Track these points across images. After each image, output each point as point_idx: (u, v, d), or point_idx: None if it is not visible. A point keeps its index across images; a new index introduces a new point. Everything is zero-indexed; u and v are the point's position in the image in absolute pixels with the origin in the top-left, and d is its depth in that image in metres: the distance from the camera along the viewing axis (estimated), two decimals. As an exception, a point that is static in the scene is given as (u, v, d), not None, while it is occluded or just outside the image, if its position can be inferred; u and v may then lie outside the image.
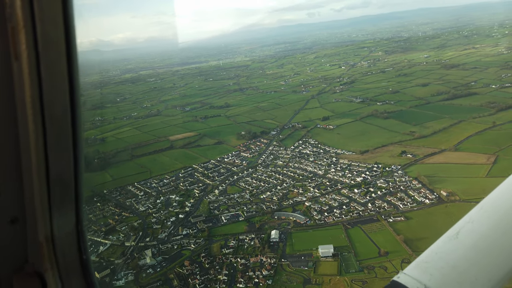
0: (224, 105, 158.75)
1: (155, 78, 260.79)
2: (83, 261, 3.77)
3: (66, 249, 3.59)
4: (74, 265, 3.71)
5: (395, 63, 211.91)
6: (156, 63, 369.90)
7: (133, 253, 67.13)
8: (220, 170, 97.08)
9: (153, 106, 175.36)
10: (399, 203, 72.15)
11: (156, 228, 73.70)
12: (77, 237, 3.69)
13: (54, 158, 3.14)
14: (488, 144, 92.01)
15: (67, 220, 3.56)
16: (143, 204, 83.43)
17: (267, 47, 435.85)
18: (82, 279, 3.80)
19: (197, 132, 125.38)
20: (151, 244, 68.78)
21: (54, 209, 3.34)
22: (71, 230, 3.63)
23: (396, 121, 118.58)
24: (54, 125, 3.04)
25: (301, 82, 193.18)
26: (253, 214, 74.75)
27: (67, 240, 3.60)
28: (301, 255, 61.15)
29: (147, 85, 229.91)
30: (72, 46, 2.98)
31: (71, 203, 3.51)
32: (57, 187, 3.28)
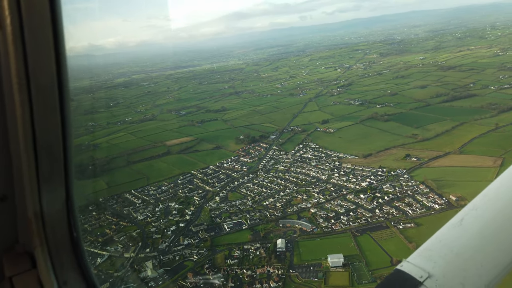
0: (221, 109, 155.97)
1: (149, 82, 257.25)
2: (73, 239, 3.66)
3: (56, 226, 3.48)
4: (64, 242, 3.60)
5: (391, 65, 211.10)
6: (148, 67, 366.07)
7: (133, 265, 63.96)
8: (220, 176, 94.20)
9: (148, 110, 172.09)
10: (407, 209, 69.90)
11: (156, 238, 70.54)
12: (67, 214, 3.55)
13: (41, 129, 3.04)
14: (493, 147, 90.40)
15: (57, 196, 3.44)
16: (142, 212, 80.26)
17: (260, 50, 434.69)
18: (73, 256, 3.70)
19: (194, 137, 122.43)
20: (152, 255, 65.60)
21: (43, 184, 3.22)
22: (61, 206, 3.50)
23: (397, 124, 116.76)
24: (40, 94, 2.95)
25: (297, 85, 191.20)
26: (256, 222, 71.96)
27: (57, 216, 3.48)
28: (309, 265, 58.47)
29: (140, 89, 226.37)
30: (57, 12, 2.87)
31: (60, 177, 3.38)
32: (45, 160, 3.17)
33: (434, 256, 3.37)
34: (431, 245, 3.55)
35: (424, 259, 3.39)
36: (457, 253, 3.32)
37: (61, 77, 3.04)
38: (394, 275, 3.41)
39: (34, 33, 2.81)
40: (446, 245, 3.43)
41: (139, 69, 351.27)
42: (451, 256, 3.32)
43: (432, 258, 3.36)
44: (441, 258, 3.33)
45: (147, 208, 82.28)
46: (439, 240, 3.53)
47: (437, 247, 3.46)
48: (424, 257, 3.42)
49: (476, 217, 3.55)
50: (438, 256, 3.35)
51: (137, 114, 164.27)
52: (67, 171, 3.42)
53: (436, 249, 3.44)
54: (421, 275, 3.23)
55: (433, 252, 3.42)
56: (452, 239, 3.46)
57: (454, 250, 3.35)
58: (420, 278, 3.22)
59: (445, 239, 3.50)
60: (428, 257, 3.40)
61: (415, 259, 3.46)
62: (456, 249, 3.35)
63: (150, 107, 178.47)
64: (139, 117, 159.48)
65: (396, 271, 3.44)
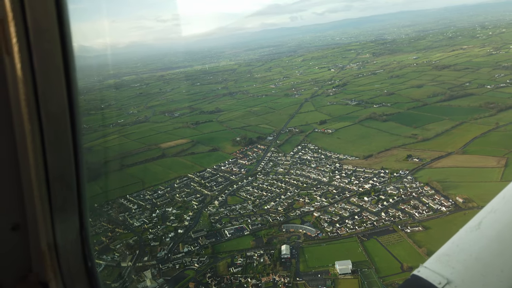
0: (215, 110, 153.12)
1: (140, 83, 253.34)
2: (88, 270, 3.56)
3: (70, 257, 3.40)
4: (79, 274, 3.51)
5: (385, 65, 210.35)
6: (139, 68, 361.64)
7: (130, 275, 60.96)
8: (218, 179, 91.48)
9: (140, 112, 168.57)
10: (414, 212, 68.02)
11: (154, 246, 67.59)
12: (82, 244, 3.48)
13: (53, 158, 3.00)
14: (495, 146, 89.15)
15: (70, 226, 3.37)
16: (138, 218, 77.26)
17: (252, 51, 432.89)
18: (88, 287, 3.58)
19: (189, 139, 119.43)
20: (150, 264, 62.66)
21: (56, 214, 3.16)
22: (75, 237, 3.43)
23: (396, 124, 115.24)
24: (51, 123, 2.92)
25: (292, 85, 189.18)
26: (258, 227, 69.44)
27: (71, 247, 3.41)
28: (317, 273, 56.15)
29: (132, 91, 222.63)
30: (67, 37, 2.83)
31: (74, 206, 3.33)
32: (58, 190, 3.12)
33: (452, 261, 3.25)
34: (448, 249, 3.41)
35: (442, 264, 3.26)
36: (476, 258, 3.19)
37: (72, 104, 2.96)
38: (411, 281, 3.29)
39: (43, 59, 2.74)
40: (464, 249, 3.30)
41: (130, 70, 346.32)
42: (470, 261, 3.19)
43: (450, 263, 3.24)
44: (460, 263, 3.20)
45: (143, 214, 79.28)
46: (457, 245, 3.39)
47: (455, 251, 3.33)
48: (442, 262, 3.29)
49: (494, 220, 3.41)
50: (456, 261, 3.22)
51: (130, 116, 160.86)
52: (81, 200, 3.31)
53: (454, 253, 3.31)
54: (439, 281, 3.11)
55: (451, 257, 3.28)
56: (470, 243, 3.33)
57: (472, 255, 3.22)
58: (438, 285, 3.10)
59: (463, 243, 3.37)
60: (446, 262, 3.26)
61: (432, 265, 3.32)
62: (475, 253, 3.22)
63: (143, 108, 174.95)
64: (132, 119, 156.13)
65: (413, 277, 3.32)
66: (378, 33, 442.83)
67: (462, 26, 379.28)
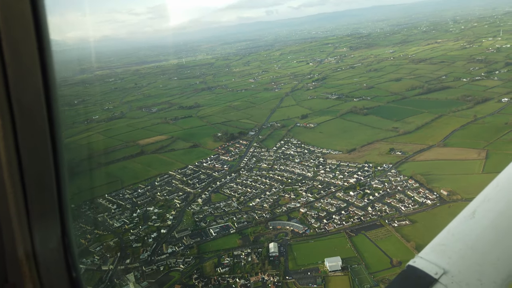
0: (194, 105, 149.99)
1: (114, 78, 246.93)
2: (72, 280, 3.27)
3: (51, 267, 3.11)
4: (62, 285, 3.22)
5: (362, 59, 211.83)
6: (112, 62, 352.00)
7: (112, 278, 58.21)
8: (200, 176, 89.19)
9: (116, 108, 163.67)
10: (400, 205, 67.90)
11: (137, 247, 64.95)
12: (64, 253, 3.20)
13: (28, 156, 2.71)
14: (475, 139, 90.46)
15: (51, 233, 3.09)
16: (118, 219, 74.27)
17: (228, 45, 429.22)
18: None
19: (169, 135, 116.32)
20: (133, 267, 60.12)
21: (34, 219, 2.88)
22: (56, 245, 3.15)
23: (377, 117, 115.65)
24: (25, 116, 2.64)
25: (271, 79, 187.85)
26: (244, 225, 67.81)
27: (52, 256, 3.13)
28: (306, 270, 55.08)
29: (106, 86, 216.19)
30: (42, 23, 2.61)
31: (54, 211, 3.04)
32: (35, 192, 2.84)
33: (448, 251, 3.24)
34: (444, 239, 3.39)
35: (438, 254, 3.25)
36: (472, 247, 3.18)
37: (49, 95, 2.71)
38: (407, 272, 3.26)
39: (15, 46, 2.46)
40: (459, 239, 3.30)
41: (103, 65, 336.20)
42: (466, 250, 3.18)
43: (446, 253, 3.23)
44: (456, 253, 3.19)
45: (123, 214, 76.31)
46: (452, 234, 3.38)
47: (451, 241, 3.33)
48: (438, 252, 3.28)
49: (489, 208, 3.39)
50: (452, 251, 3.22)
51: (105, 112, 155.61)
52: (62, 204, 3.04)
53: (450, 243, 3.30)
54: (436, 272, 3.10)
55: (447, 247, 3.28)
56: (466, 232, 3.32)
57: (468, 244, 3.21)
58: (435, 275, 3.08)
59: (458, 233, 3.36)
60: (442, 252, 3.25)
61: (428, 255, 3.31)
62: (471, 243, 3.21)
63: (118, 104, 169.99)
64: (107, 115, 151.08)
65: (409, 267, 3.29)
66: (354, 27, 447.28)
67: (435, 20, 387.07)
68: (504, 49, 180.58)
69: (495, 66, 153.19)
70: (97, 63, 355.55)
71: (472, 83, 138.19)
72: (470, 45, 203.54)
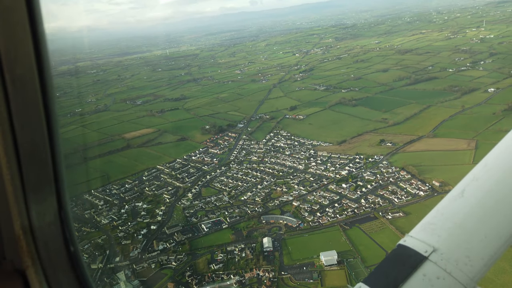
0: (180, 97, 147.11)
1: (96, 69, 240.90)
2: (70, 254, 3.26)
3: (49, 242, 3.08)
4: (61, 259, 3.22)
5: (349, 49, 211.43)
6: (94, 53, 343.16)
7: (102, 277, 56.26)
8: (190, 170, 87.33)
9: (99, 100, 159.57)
10: (393, 197, 67.61)
11: (126, 244, 63.07)
12: (61, 227, 3.16)
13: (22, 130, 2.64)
14: (464, 129, 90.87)
15: (47, 207, 3.04)
16: (105, 215, 72.09)
17: (212, 36, 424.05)
18: (72, 274, 3.28)
19: (155, 128, 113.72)
20: (123, 265, 58.35)
21: (30, 194, 2.82)
22: (53, 219, 3.11)
23: (365, 108, 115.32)
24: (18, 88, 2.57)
25: (258, 70, 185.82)
26: (237, 220, 66.54)
27: (49, 230, 3.09)
28: (302, 265, 54.23)
29: (88, 78, 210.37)
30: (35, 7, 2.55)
31: (50, 185, 2.99)
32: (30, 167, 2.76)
33: (438, 229, 3.30)
34: (433, 218, 3.45)
35: (428, 233, 3.32)
36: (460, 225, 3.26)
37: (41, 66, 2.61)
38: (398, 251, 3.34)
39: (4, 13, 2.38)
40: (448, 217, 3.36)
41: (84, 56, 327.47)
42: (455, 228, 3.26)
43: (436, 231, 3.29)
44: (445, 231, 3.26)
45: (111, 210, 74.07)
46: (441, 213, 3.44)
47: (440, 220, 3.38)
48: (428, 230, 3.35)
49: (477, 187, 3.45)
50: (441, 229, 3.28)
51: (88, 105, 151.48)
52: (57, 177, 3.00)
53: (439, 222, 3.36)
54: (425, 250, 3.18)
55: (436, 226, 3.34)
56: (455, 211, 3.39)
57: (457, 223, 3.28)
58: (425, 253, 3.17)
59: (447, 212, 3.42)
60: (432, 230, 3.32)
61: (418, 233, 3.37)
62: (459, 221, 3.29)
63: (102, 96, 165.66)
64: (91, 108, 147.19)
65: (399, 246, 3.36)
66: (338, 18, 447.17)
67: (418, 11, 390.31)
68: (488, 39, 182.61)
69: (480, 57, 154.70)
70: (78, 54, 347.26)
71: (458, 73, 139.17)
72: (455, 35, 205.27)
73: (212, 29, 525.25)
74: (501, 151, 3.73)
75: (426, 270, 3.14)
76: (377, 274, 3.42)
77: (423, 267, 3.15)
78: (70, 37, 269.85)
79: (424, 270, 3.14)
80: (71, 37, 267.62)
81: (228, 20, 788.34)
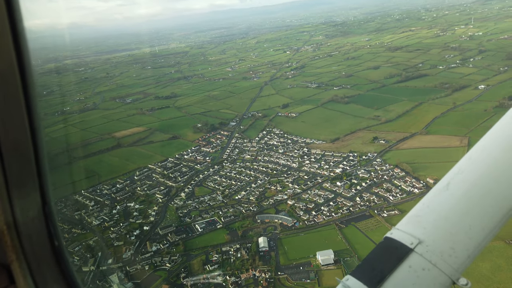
0: (171, 95, 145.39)
1: (84, 67, 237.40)
2: (55, 249, 3.28)
3: (33, 236, 3.10)
4: (45, 253, 3.23)
5: (339, 47, 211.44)
6: (81, 51, 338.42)
7: (94, 280, 55.01)
8: (182, 169, 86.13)
9: (88, 98, 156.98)
10: (388, 195, 67.39)
11: (119, 246, 61.83)
12: (45, 221, 3.16)
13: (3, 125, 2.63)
14: (456, 126, 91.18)
15: (31, 202, 3.04)
16: (97, 216, 70.68)
17: (202, 33, 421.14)
18: (56, 268, 3.30)
19: (146, 127, 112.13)
20: (116, 267, 57.09)
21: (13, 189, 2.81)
22: (37, 214, 3.11)
23: (358, 106, 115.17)
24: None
25: (249, 68, 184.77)
26: (231, 219, 65.69)
27: (33, 225, 3.10)
28: (298, 265, 53.63)
29: (76, 76, 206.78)
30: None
31: (33, 179, 2.98)
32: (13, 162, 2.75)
33: (423, 221, 3.36)
34: (419, 210, 3.52)
35: (414, 225, 3.39)
36: (446, 217, 3.31)
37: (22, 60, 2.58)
38: (384, 244, 3.39)
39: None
40: (434, 210, 3.41)
41: (71, 53, 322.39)
42: (440, 220, 3.31)
43: (421, 224, 3.35)
44: (430, 223, 3.32)
45: (102, 211, 72.69)
46: (427, 206, 3.49)
47: (426, 212, 3.44)
48: (413, 223, 3.42)
49: (462, 180, 3.50)
50: (427, 222, 3.35)
51: (76, 103, 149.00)
52: (41, 172, 2.99)
53: (425, 214, 3.42)
54: (411, 242, 3.24)
55: (422, 218, 3.41)
56: (440, 203, 3.44)
57: (442, 215, 3.33)
58: (410, 245, 3.23)
59: (433, 204, 3.47)
60: (417, 223, 3.39)
61: (404, 226, 3.45)
62: (444, 213, 3.33)
63: (90, 95, 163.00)
64: (79, 106, 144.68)
65: (386, 239, 3.42)
66: (327, 16, 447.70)
67: (406, 8, 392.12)
68: (477, 36, 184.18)
69: (469, 54, 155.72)
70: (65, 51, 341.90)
71: (448, 70, 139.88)
72: (444, 33, 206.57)
73: (202, 26, 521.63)
74: (485, 145, 3.75)
75: (412, 262, 3.16)
76: (364, 266, 3.41)
77: (409, 259, 3.17)
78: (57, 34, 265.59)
79: (410, 262, 3.17)
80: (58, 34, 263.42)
81: (217, 17, 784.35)
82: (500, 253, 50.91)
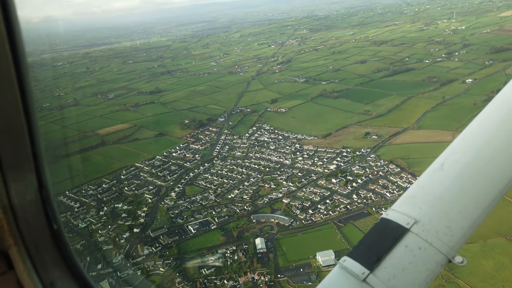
0: (155, 91, 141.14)
1: (62, 62, 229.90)
2: (54, 232, 3.22)
3: (31, 220, 3.03)
4: (43, 237, 3.17)
5: (324, 41, 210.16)
6: (58, 45, 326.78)
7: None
8: (171, 167, 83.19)
9: (68, 94, 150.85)
10: (384, 192, 66.35)
11: (108, 250, 58.84)
12: (43, 204, 3.09)
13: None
14: (447, 120, 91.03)
15: (27, 185, 2.95)
16: (83, 218, 67.28)
17: (183, 27, 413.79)
18: (56, 252, 3.26)
19: (131, 124, 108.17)
20: (106, 272, 54.07)
21: (8, 172, 2.73)
22: (34, 197, 3.02)
23: (347, 100, 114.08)
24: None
25: (234, 62, 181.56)
26: (226, 220, 63.43)
27: (30, 209, 3.02)
28: (298, 267, 51.91)
29: (54, 70, 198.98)
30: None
31: (29, 161, 2.88)
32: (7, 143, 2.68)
33: (419, 202, 3.40)
34: (414, 191, 3.54)
35: (409, 205, 3.42)
36: (440, 197, 3.35)
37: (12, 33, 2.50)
38: (381, 224, 3.42)
39: None
40: (429, 190, 3.44)
41: (48, 47, 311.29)
42: (435, 201, 3.34)
43: (417, 204, 3.39)
44: (425, 203, 3.35)
45: (88, 213, 69.31)
46: (422, 186, 3.52)
47: (421, 193, 3.47)
48: (409, 204, 3.44)
49: (455, 160, 3.52)
50: (422, 202, 3.38)
51: (56, 99, 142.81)
52: (36, 154, 2.89)
53: (420, 195, 3.46)
54: (407, 222, 3.27)
55: (417, 198, 3.44)
56: (434, 184, 3.46)
57: (437, 195, 3.36)
58: (407, 225, 3.26)
59: (428, 185, 3.50)
60: (413, 203, 3.42)
61: (400, 207, 3.47)
62: (439, 193, 3.37)
63: (70, 90, 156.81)
64: (59, 102, 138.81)
65: (382, 220, 3.44)
66: (309, 9, 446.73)
67: (388, 3, 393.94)
68: (460, 30, 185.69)
69: (454, 48, 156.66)
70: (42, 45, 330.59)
71: (434, 64, 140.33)
72: (427, 27, 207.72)
73: (183, 20, 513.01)
74: (478, 125, 3.72)
75: (408, 242, 3.18)
76: (361, 247, 3.43)
77: (405, 238, 3.19)
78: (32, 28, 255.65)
79: (406, 242, 3.18)
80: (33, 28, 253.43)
81: (198, 11, 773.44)
82: (503, 250, 50.33)
